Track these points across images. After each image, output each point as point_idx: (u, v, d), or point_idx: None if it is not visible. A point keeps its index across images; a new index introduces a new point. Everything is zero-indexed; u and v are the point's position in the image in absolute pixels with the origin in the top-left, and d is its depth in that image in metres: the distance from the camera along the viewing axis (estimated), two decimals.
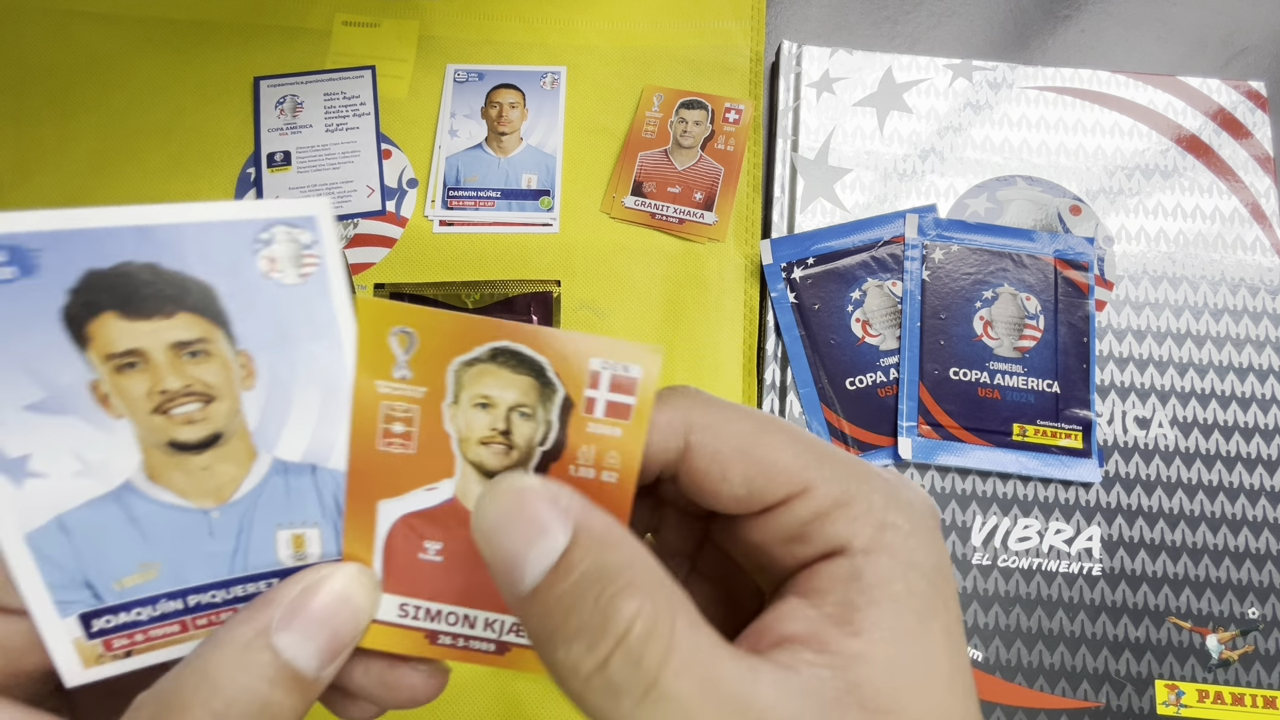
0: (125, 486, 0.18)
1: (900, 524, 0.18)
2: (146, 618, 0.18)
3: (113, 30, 0.56)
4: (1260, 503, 0.48)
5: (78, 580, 0.18)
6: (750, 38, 0.57)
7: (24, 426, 0.17)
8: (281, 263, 0.18)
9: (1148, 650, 0.46)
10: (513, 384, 0.19)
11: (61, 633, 0.18)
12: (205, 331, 0.18)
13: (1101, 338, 0.51)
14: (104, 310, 0.17)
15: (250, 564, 0.19)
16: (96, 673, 0.18)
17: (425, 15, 0.58)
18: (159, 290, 0.17)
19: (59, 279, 0.17)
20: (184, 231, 0.17)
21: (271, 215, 0.18)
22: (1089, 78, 0.55)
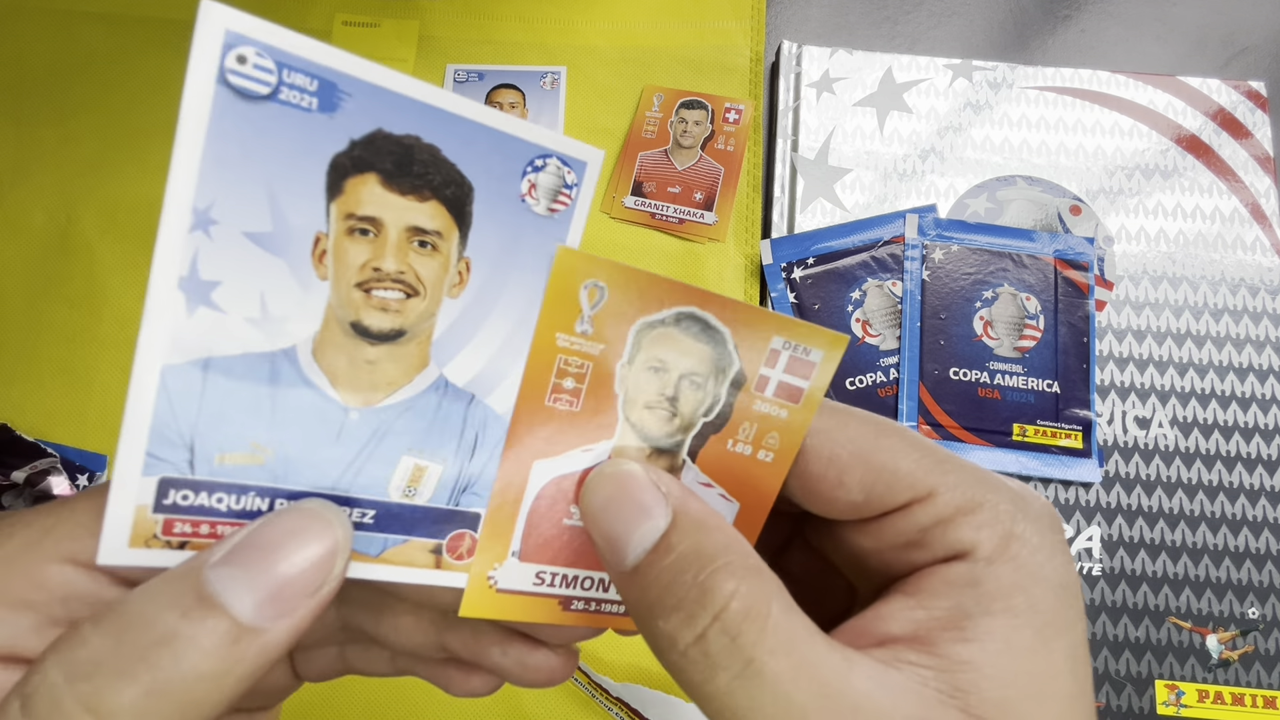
0: (288, 352, 0.17)
1: (1029, 536, 0.18)
2: (225, 508, 0.17)
3: (113, 30, 0.56)
4: (1260, 503, 0.48)
5: (184, 437, 0.16)
6: (750, 38, 0.57)
7: (234, 250, 0.16)
8: (540, 191, 0.19)
9: (1148, 650, 0.46)
10: (690, 351, 0.19)
11: (131, 492, 0.16)
12: (444, 226, 0.18)
13: (1101, 338, 0.51)
14: (371, 170, 0.17)
15: (358, 483, 0.18)
16: (137, 556, 0.16)
17: (425, 15, 0.58)
18: (429, 170, 0.17)
19: (351, 126, 0.16)
20: (476, 130, 0.18)
21: (553, 146, 0.19)
22: (1089, 78, 0.55)
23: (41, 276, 0.51)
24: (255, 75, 0.15)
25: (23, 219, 0.52)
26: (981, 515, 0.18)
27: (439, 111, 0.17)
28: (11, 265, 0.51)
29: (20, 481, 0.45)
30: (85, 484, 0.47)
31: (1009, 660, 0.16)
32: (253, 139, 0.16)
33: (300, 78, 0.16)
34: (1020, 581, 0.17)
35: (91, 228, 0.52)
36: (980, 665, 0.16)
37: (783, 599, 0.17)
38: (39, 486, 0.45)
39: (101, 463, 0.48)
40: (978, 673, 0.16)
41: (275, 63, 0.15)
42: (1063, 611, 0.17)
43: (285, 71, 0.16)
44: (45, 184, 0.53)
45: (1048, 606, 0.17)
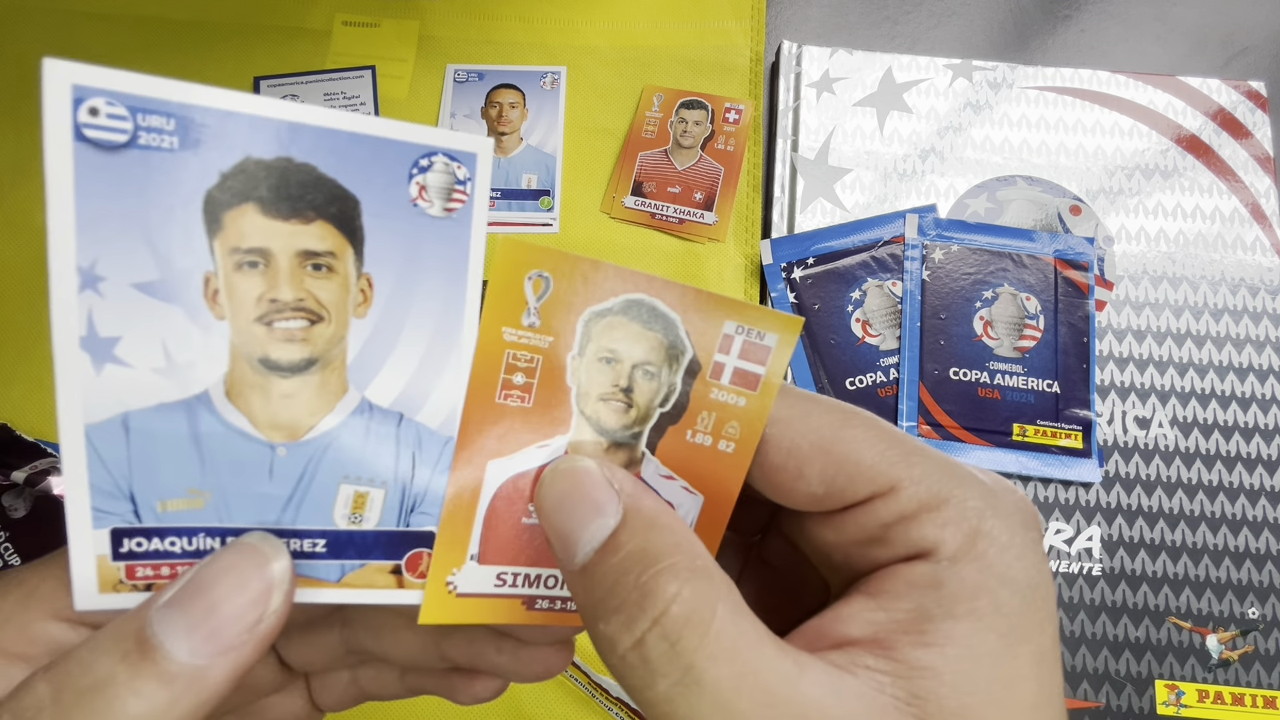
0: (201, 398, 0.17)
1: (997, 534, 0.17)
2: (179, 550, 0.17)
3: (113, 30, 0.56)
4: (1260, 503, 0.48)
5: (122, 490, 0.17)
6: (750, 38, 0.57)
7: (126, 304, 0.16)
8: (431, 192, 0.18)
9: (1148, 650, 0.46)
10: (641, 339, 0.18)
11: (89, 544, 0.16)
12: (336, 246, 0.17)
13: (1101, 338, 0.51)
14: (248, 200, 0.16)
15: (301, 516, 0.18)
16: (109, 601, 0.17)
17: (425, 15, 0.58)
18: (307, 191, 0.17)
19: (217, 159, 0.16)
20: (352, 140, 0.17)
21: (436, 143, 0.18)
22: (1089, 78, 0.55)
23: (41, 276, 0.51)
24: (110, 125, 0.15)
25: (23, 219, 0.52)
26: (947, 511, 0.17)
27: (306, 128, 0.16)
28: (11, 265, 0.51)
29: (20, 481, 0.45)
30: None
31: (970, 666, 0.16)
32: (121, 189, 0.15)
33: (156, 119, 0.16)
34: (985, 583, 0.16)
35: None
36: (940, 671, 0.16)
37: (730, 601, 0.16)
38: (39, 486, 0.45)
39: None
40: (937, 679, 0.16)
41: (128, 108, 0.15)
42: (1030, 615, 0.16)
43: (140, 115, 0.15)
44: None
45: (1014, 610, 0.16)
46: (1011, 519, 0.17)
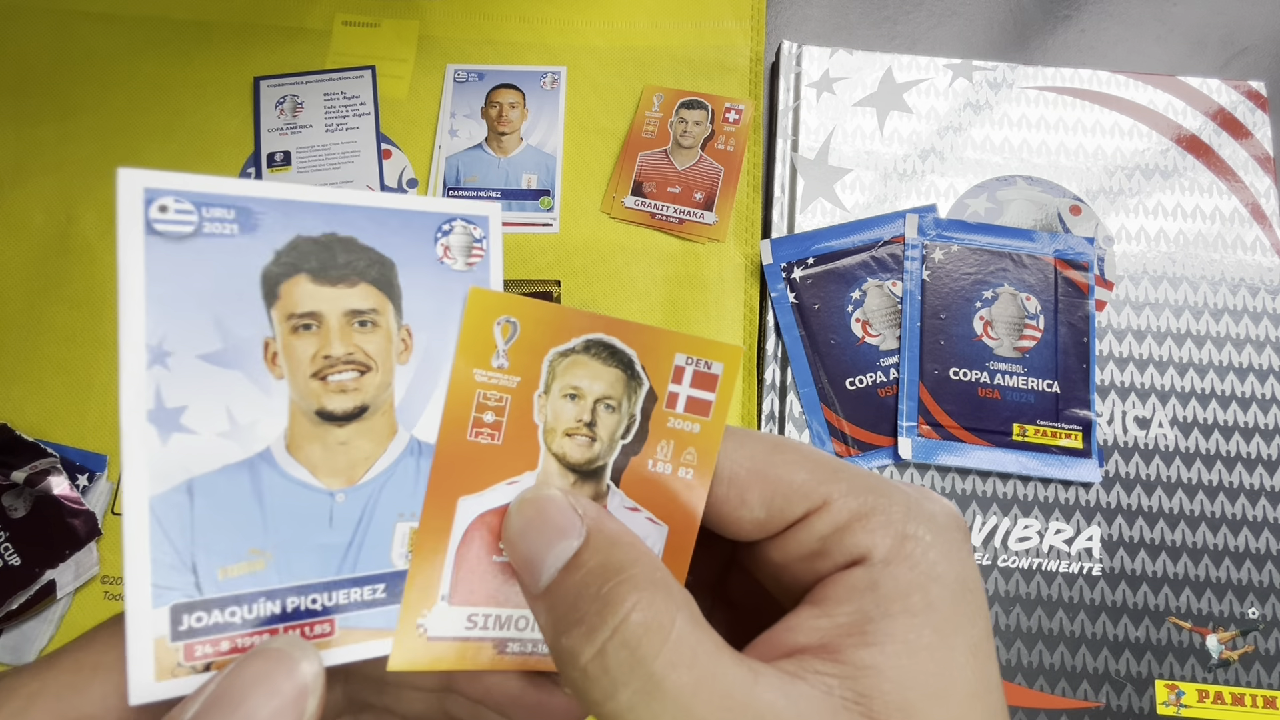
0: (263, 455, 0.18)
1: (922, 535, 0.18)
2: (239, 620, 0.18)
3: (113, 30, 0.56)
4: (1260, 503, 0.48)
5: (185, 561, 0.17)
6: (750, 38, 0.57)
7: (192, 374, 0.18)
8: (454, 251, 0.21)
9: (1148, 650, 0.46)
10: (601, 375, 0.20)
11: (147, 627, 0.17)
12: (378, 303, 0.20)
13: (1101, 338, 0.51)
14: (299, 272, 0.19)
15: (361, 562, 0.19)
16: (165, 689, 0.17)
17: (425, 15, 0.58)
18: (351, 260, 0.19)
19: (272, 239, 0.18)
20: (383, 214, 0.20)
21: (455, 211, 0.21)
22: (1089, 78, 0.55)
23: (41, 276, 0.51)
24: (178, 219, 0.17)
25: (23, 219, 0.52)
26: (875, 519, 0.18)
27: (346, 208, 0.19)
28: (11, 265, 0.51)
29: (20, 481, 0.45)
30: (85, 484, 0.47)
31: (909, 661, 0.17)
32: (188, 272, 0.17)
33: (218, 210, 0.18)
34: (916, 580, 0.17)
35: (91, 228, 0.52)
36: (882, 668, 0.17)
37: (689, 612, 0.17)
38: (39, 486, 0.45)
39: (101, 463, 0.48)
40: (880, 676, 0.16)
41: (193, 204, 0.17)
42: (961, 608, 0.17)
43: (204, 209, 0.18)
44: (45, 184, 0.53)
45: (945, 604, 0.17)
46: (934, 520, 0.18)
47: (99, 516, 0.46)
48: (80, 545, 0.45)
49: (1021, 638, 0.46)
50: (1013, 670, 0.45)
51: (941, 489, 0.48)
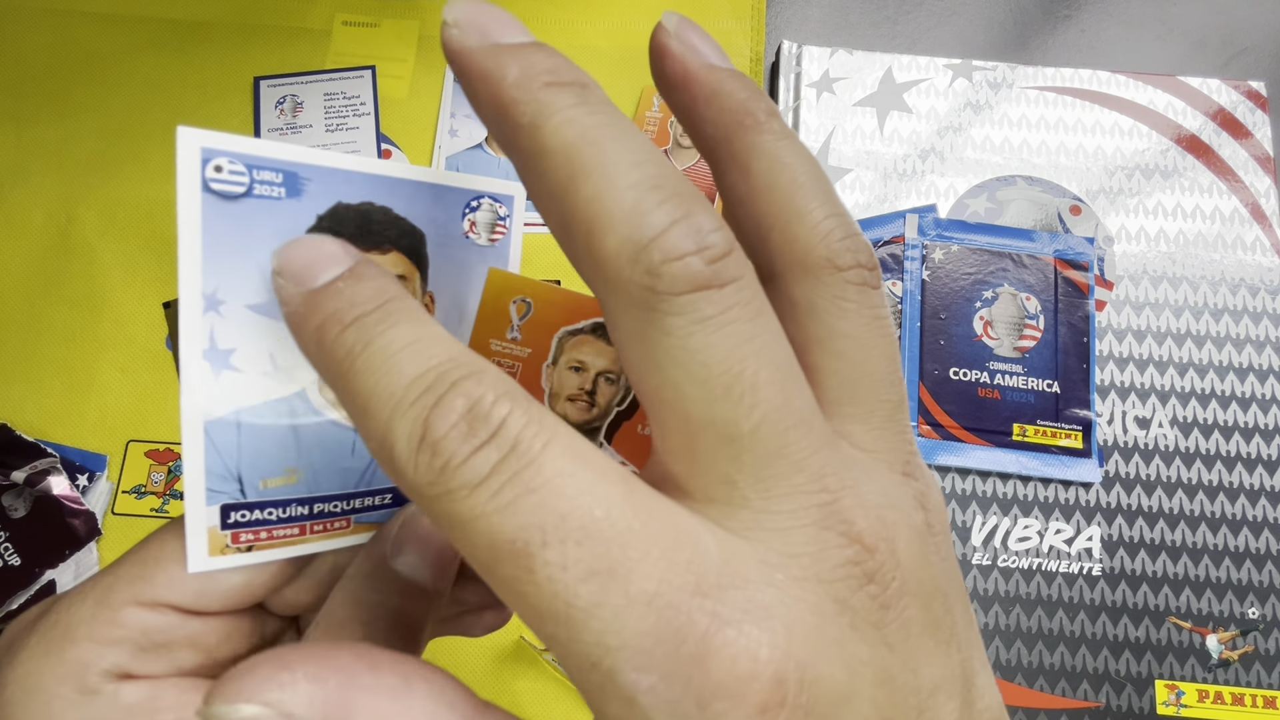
0: (299, 395, 0.20)
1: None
2: (275, 518, 0.20)
3: (113, 30, 0.56)
4: (1260, 503, 0.48)
5: (232, 473, 0.20)
6: (750, 38, 0.57)
7: (241, 321, 0.19)
8: (479, 226, 0.22)
9: (1148, 650, 0.46)
10: (604, 353, 0.22)
11: (202, 518, 0.20)
12: (407, 270, 0.21)
13: (1101, 338, 0.51)
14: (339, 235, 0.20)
15: (374, 480, 0.22)
16: (218, 562, 0.20)
17: (425, 15, 0.58)
18: (385, 229, 0.21)
19: (314, 204, 0.20)
20: (418, 188, 0.21)
21: (483, 188, 0.22)
22: (1089, 78, 0.55)
23: (41, 276, 0.51)
24: (231, 179, 0.19)
25: (23, 219, 0.52)
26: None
27: (384, 179, 0.21)
28: (11, 265, 0.51)
29: (20, 481, 0.45)
30: (85, 484, 0.47)
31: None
32: (239, 230, 0.19)
33: (268, 174, 0.19)
34: None
35: (91, 228, 0.52)
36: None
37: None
38: (39, 487, 0.45)
39: (101, 463, 0.48)
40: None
41: (245, 166, 0.19)
42: None
43: (255, 171, 0.19)
44: (45, 184, 0.53)
45: None
46: None
47: (99, 516, 0.46)
48: (80, 545, 0.45)
49: (1021, 638, 0.46)
50: (1013, 670, 0.45)
51: (941, 489, 0.48)
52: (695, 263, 0.13)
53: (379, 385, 0.13)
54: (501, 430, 0.13)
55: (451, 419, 0.13)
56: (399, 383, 0.13)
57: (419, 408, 0.13)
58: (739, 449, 0.13)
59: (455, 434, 0.13)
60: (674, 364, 0.13)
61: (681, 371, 0.13)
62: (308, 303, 0.15)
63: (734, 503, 0.14)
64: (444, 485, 0.13)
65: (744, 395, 0.13)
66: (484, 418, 0.13)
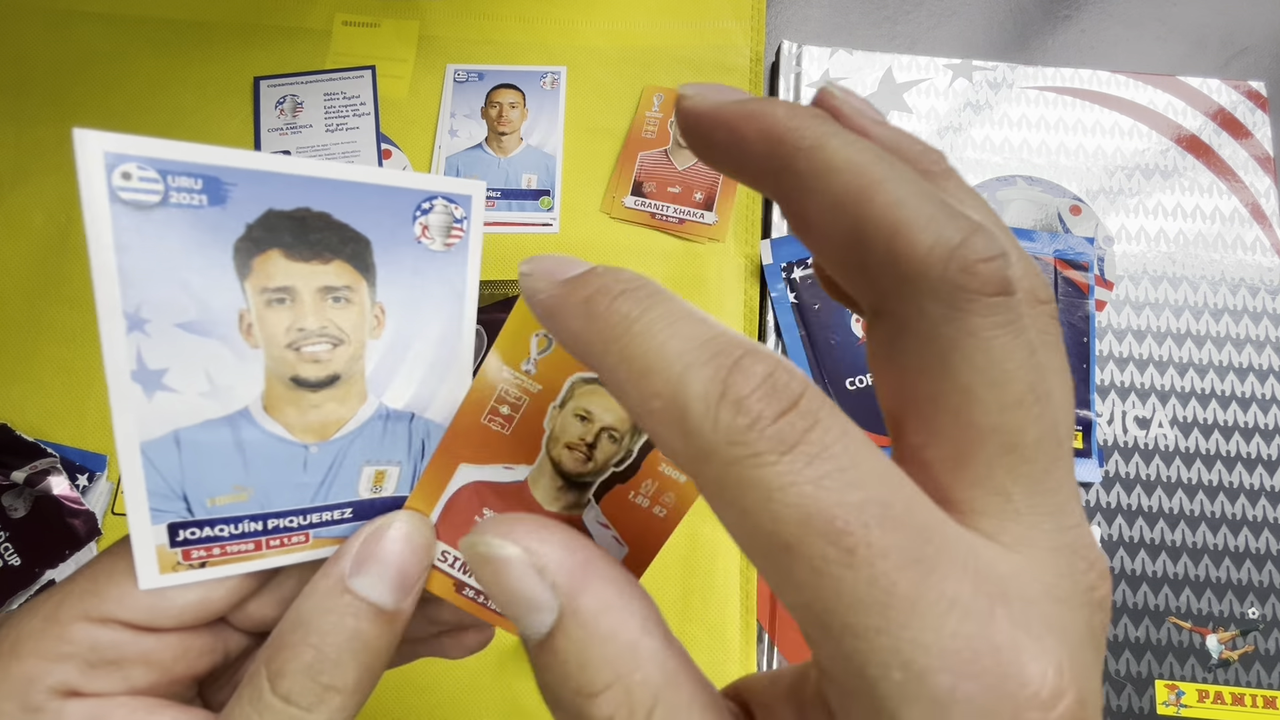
0: (242, 413, 0.19)
1: None
2: (227, 534, 0.20)
3: (113, 30, 0.56)
4: (1260, 503, 0.48)
5: (176, 492, 0.19)
6: (750, 38, 0.57)
7: (171, 341, 0.18)
8: (433, 230, 0.20)
9: (1148, 650, 0.46)
10: (613, 409, 0.21)
11: (148, 537, 0.19)
12: (352, 280, 0.20)
13: (1101, 338, 0.51)
14: (272, 247, 0.19)
15: (331, 495, 0.21)
16: (169, 579, 0.19)
17: (425, 15, 0.58)
18: (325, 237, 0.19)
19: (242, 213, 0.18)
20: (360, 189, 0.19)
21: (436, 188, 0.20)
22: (1089, 78, 0.55)
23: (41, 276, 0.51)
24: (142, 187, 0.17)
25: (23, 219, 0.52)
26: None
27: (320, 181, 0.19)
28: (11, 265, 0.51)
29: (20, 481, 0.45)
30: (85, 484, 0.47)
31: None
32: (158, 243, 0.17)
33: (185, 180, 0.17)
34: None
35: None
36: None
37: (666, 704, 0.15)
38: (39, 486, 0.45)
39: (101, 463, 0.48)
40: None
41: (158, 171, 0.17)
42: None
43: (170, 177, 0.17)
44: (45, 184, 0.53)
45: None
46: None
47: (99, 516, 0.46)
48: (80, 545, 0.45)
49: None
50: None
51: None
52: (1001, 265, 0.13)
53: (667, 344, 0.13)
54: (802, 403, 0.12)
55: (754, 381, 0.12)
56: (692, 342, 0.13)
57: (716, 366, 0.13)
58: (1018, 459, 0.13)
59: (759, 395, 0.12)
60: (971, 367, 0.13)
61: (978, 375, 0.13)
62: (567, 285, 0.15)
63: (1006, 516, 0.13)
64: (750, 446, 0.12)
65: (1034, 405, 0.13)
66: (783, 388, 0.12)
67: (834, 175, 0.14)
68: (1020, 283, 0.14)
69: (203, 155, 0.17)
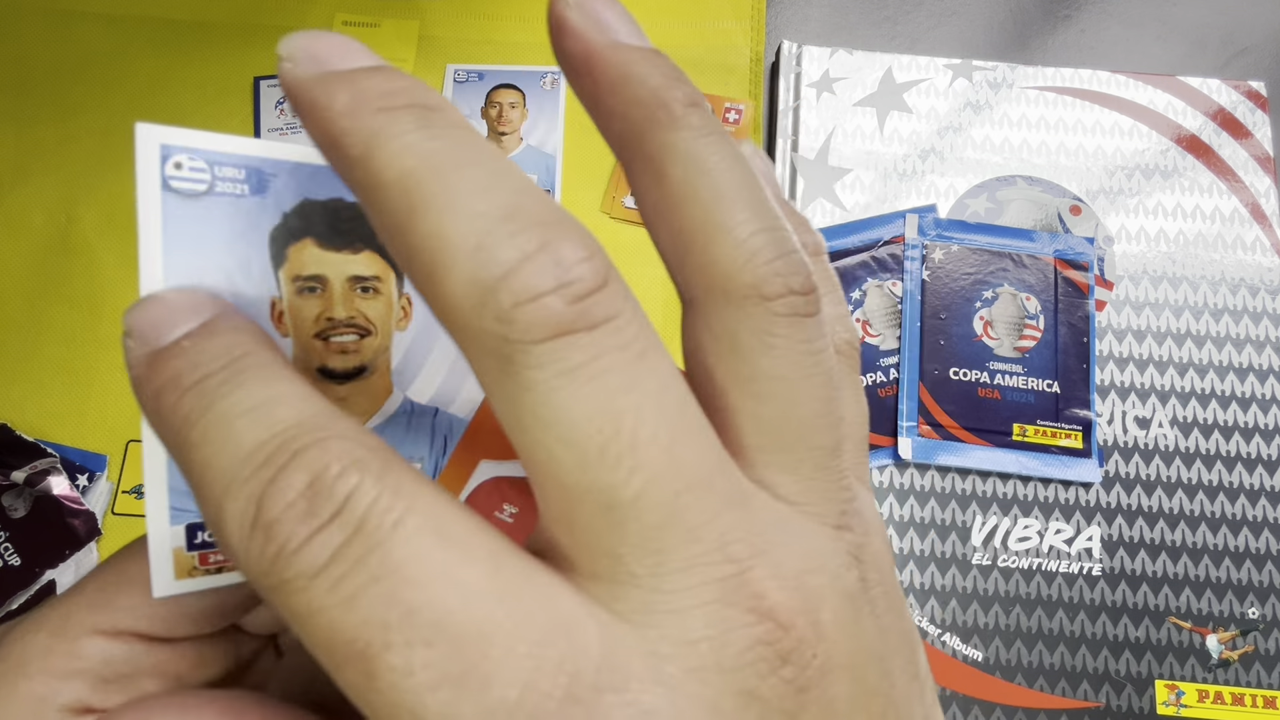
0: None
1: None
2: None
3: (113, 30, 0.56)
4: (1260, 503, 0.48)
5: None
6: (750, 38, 0.57)
7: None
8: None
9: (1148, 650, 0.46)
10: None
11: (166, 539, 0.18)
12: (381, 271, 0.20)
13: (1101, 338, 0.51)
14: (306, 236, 0.19)
15: None
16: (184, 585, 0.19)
17: (425, 15, 0.58)
18: (356, 227, 0.20)
19: (280, 202, 0.19)
20: None
21: None
22: (1089, 78, 0.55)
23: (41, 276, 0.51)
24: (191, 177, 0.18)
25: (23, 219, 0.52)
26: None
27: None
28: (11, 265, 0.51)
29: (20, 481, 0.45)
30: (85, 484, 0.47)
31: None
32: (200, 230, 0.18)
33: (230, 170, 0.18)
34: None
35: (91, 228, 0.52)
36: None
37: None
38: (39, 487, 0.45)
39: (101, 463, 0.48)
40: None
41: (206, 162, 0.18)
42: None
43: (216, 168, 0.18)
44: (45, 184, 0.53)
45: None
46: None
47: (99, 516, 0.46)
48: (80, 545, 0.45)
49: (1021, 638, 0.46)
50: (1012, 670, 0.45)
51: (941, 489, 0.48)
52: (554, 303, 0.11)
53: (214, 458, 0.12)
54: (347, 506, 0.11)
55: (289, 495, 0.11)
56: (235, 455, 0.12)
57: (254, 484, 0.11)
58: (620, 518, 0.12)
59: (292, 514, 0.11)
60: (540, 424, 0.11)
61: (549, 433, 0.11)
62: (150, 365, 0.13)
63: (621, 580, 0.12)
64: (278, 575, 0.11)
65: (621, 457, 0.11)
66: (327, 492, 0.11)
67: (382, 194, 0.12)
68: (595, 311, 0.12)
69: (248, 148, 0.18)
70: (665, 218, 0.14)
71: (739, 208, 0.13)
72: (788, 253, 0.13)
